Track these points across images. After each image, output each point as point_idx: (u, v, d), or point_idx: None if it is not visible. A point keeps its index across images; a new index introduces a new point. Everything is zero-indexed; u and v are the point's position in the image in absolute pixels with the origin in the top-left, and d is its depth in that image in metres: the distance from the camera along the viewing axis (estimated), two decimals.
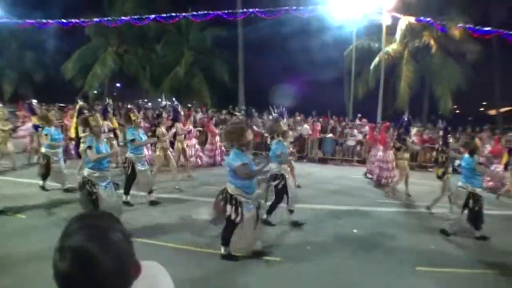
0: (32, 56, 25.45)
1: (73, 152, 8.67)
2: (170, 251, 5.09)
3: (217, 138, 12.83)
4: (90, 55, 24.17)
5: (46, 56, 25.16)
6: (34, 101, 12.43)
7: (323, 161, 15.59)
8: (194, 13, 21.39)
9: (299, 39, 21.43)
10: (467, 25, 19.00)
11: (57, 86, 24.77)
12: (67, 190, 7.76)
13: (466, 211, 6.07)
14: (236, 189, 4.56)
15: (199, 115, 17.16)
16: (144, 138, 7.44)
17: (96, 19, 22.67)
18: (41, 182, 7.85)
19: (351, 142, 15.61)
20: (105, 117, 10.08)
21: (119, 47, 24.66)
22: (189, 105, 18.34)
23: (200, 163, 11.88)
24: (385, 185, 9.94)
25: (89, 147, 5.22)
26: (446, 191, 7.28)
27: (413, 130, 11.44)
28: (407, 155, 9.23)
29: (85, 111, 8.05)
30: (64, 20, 22.71)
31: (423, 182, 10.35)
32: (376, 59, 20.64)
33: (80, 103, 8.20)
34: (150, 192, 7.25)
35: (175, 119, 9.62)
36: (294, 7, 19.44)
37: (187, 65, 23.28)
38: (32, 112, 11.26)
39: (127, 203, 6.99)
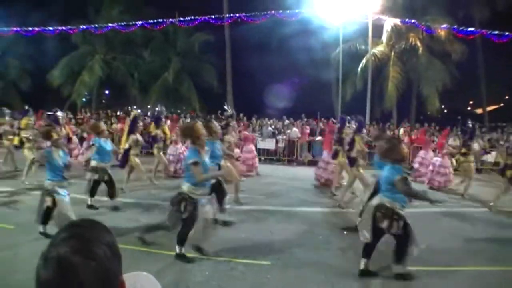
0: (17, 64, 25.15)
1: (117, 162, 8.23)
2: (160, 257, 5.02)
3: None
4: (77, 63, 23.98)
5: (32, 63, 24.89)
6: (59, 113, 12.09)
7: (313, 163, 15.63)
8: (181, 18, 21.43)
9: (286, 43, 21.57)
10: (451, 26, 19.35)
11: (44, 94, 24.55)
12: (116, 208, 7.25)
13: None
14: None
15: (187, 120, 17.13)
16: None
17: (82, 26, 22.59)
18: (89, 200, 7.11)
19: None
20: (157, 126, 9.90)
21: (106, 54, 24.51)
22: (178, 111, 18.34)
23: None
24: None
25: (196, 163, 4.53)
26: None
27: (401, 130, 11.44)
28: (472, 157, 9.54)
29: (140, 121, 8.02)
30: (50, 28, 22.60)
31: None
32: (363, 61, 20.83)
33: (136, 111, 8.07)
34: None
35: (157, 125, 9.83)
36: (280, 11, 19.59)
37: (175, 71, 23.22)
38: (57, 123, 11.02)
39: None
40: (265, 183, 10.45)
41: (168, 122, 14.39)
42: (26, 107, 12.77)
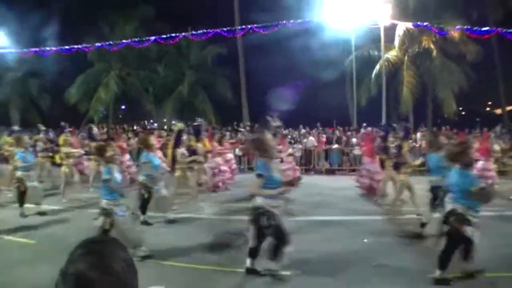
0: (36, 83, 25.78)
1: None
2: (180, 270, 5.18)
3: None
4: (93, 80, 24.46)
5: (50, 82, 25.49)
6: (94, 128, 12.20)
7: (330, 172, 15.56)
8: (194, 32, 21.68)
9: (298, 51, 21.55)
10: (465, 27, 19.08)
11: (62, 111, 25.05)
12: (171, 221, 7.20)
13: None
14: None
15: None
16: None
17: (97, 44, 23.05)
18: (142, 217, 7.07)
19: (357, 151, 15.55)
20: (198, 139, 9.64)
21: (121, 70, 24.92)
22: (194, 123, 18.41)
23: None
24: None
25: (259, 175, 4.47)
26: None
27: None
28: None
29: (184, 134, 8.10)
30: (66, 47, 23.13)
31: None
32: (377, 67, 20.70)
33: (179, 125, 8.08)
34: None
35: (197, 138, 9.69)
36: (291, 21, 19.65)
37: (189, 84, 23.46)
38: (92, 138, 11.03)
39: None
40: (306, 194, 10.03)
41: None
42: (62, 124, 12.79)
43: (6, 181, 9.76)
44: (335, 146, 16.01)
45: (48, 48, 23.46)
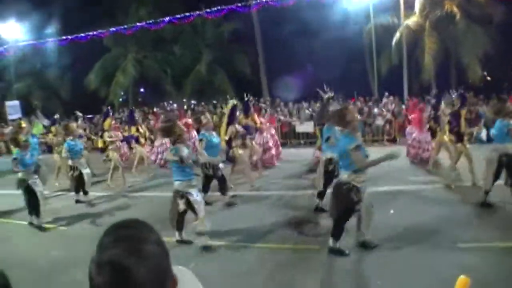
0: (55, 73, 26.20)
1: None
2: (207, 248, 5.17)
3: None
4: (111, 65, 24.68)
5: (69, 71, 25.83)
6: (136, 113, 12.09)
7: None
8: (208, 10, 21.42)
9: (316, 23, 21.05)
10: None
11: (82, 98, 25.43)
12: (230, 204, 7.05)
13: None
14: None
15: (224, 110, 17.21)
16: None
17: (112, 29, 23.08)
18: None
19: (379, 122, 15.29)
20: (247, 115, 9.45)
21: (138, 53, 25.02)
22: (214, 101, 18.42)
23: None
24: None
25: (358, 147, 4.31)
26: None
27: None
28: None
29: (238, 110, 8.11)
30: (82, 34, 23.25)
31: None
32: (397, 35, 20.08)
33: (233, 101, 8.05)
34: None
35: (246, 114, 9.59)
36: None
37: (207, 63, 23.37)
38: (133, 121, 10.97)
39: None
40: None
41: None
42: (109, 107, 12.67)
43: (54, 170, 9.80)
44: (357, 117, 15.77)
45: (64, 37, 23.67)
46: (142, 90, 29.46)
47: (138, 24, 22.77)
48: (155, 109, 20.38)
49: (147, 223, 1.01)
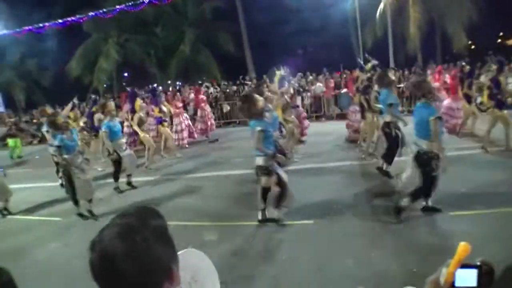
0: (35, 62, 25.65)
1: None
2: (203, 229, 5.20)
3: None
4: (92, 51, 24.14)
5: (49, 59, 25.26)
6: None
7: (341, 117, 15.32)
8: None
9: None
10: None
11: (65, 86, 24.95)
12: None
13: None
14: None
15: (211, 90, 17.05)
16: None
17: (91, 13, 22.44)
18: None
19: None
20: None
21: (119, 37, 24.48)
22: (199, 81, 18.22)
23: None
24: None
25: (440, 118, 4.57)
26: None
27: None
28: None
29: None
30: (60, 20, 22.58)
31: None
32: (381, 5, 19.88)
33: (279, 72, 7.61)
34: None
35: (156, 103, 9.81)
36: None
37: (190, 42, 22.99)
38: (156, 101, 10.46)
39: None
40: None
41: (192, 94, 14.27)
42: (95, 96, 12.19)
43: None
44: (344, 90, 15.67)
45: (42, 25, 22.99)
46: (126, 74, 28.99)
47: (117, 7, 22.11)
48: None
49: (153, 210, 1.00)
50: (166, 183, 7.85)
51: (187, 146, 11.72)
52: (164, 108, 10.29)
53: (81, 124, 9.79)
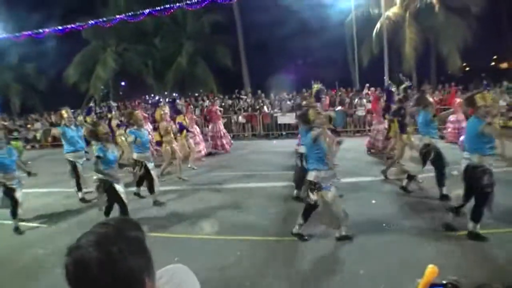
0: (33, 67, 25.63)
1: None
2: (192, 243, 5.15)
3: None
4: (90, 58, 24.23)
5: (47, 64, 25.25)
6: (178, 101, 11.44)
7: (334, 133, 15.40)
8: (188, 1, 21.12)
9: (298, 14, 21.00)
10: None
11: (61, 92, 24.93)
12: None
13: None
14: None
15: (206, 103, 17.11)
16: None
17: (91, 21, 22.55)
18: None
19: (361, 113, 15.37)
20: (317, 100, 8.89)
21: (118, 46, 24.61)
22: (196, 94, 18.33)
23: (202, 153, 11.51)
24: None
25: (488, 123, 4.50)
26: None
27: None
28: None
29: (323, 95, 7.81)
30: (59, 27, 22.67)
31: None
32: (378, 25, 20.17)
33: (317, 85, 7.54)
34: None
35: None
36: None
37: (188, 55, 23.17)
38: (177, 111, 10.25)
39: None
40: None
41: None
42: (91, 105, 12.13)
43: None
44: (339, 108, 15.81)
45: (41, 30, 23.05)
46: (123, 83, 29.05)
47: (117, 16, 22.28)
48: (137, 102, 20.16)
49: (132, 221, 1.02)
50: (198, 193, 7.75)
51: (203, 159, 11.33)
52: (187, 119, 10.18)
53: None
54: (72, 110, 20.59)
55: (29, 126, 20.18)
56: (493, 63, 30.36)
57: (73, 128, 7.71)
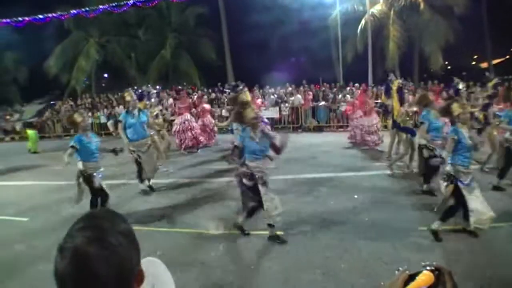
0: (12, 56, 24.94)
1: None
2: (174, 236, 5.10)
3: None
4: (72, 49, 23.66)
5: (27, 55, 24.60)
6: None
7: (318, 129, 15.53)
8: None
9: (282, 9, 21.01)
10: None
11: (42, 83, 24.35)
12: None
13: None
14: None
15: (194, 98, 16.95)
16: None
17: (73, 11, 22.03)
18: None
19: (344, 108, 15.47)
20: (388, 95, 8.80)
21: (100, 37, 24.15)
22: (179, 87, 18.14)
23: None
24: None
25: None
26: None
27: None
28: None
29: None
30: (40, 16, 22.09)
31: None
32: (362, 22, 20.35)
33: (398, 81, 7.58)
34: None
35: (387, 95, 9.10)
36: None
37: (172, 47, 22.94)
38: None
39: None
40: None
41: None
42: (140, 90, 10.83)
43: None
44: (322, 103, 15.92)
45: (20, 19, 22.43)
46: (105, 75, 28.57)
47: (100, 7, 21.84)
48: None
49: (120, 214, 0.99)
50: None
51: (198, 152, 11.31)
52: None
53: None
54: (53, 102, 20.30)
55: (7, 117, 19.70)
56: (473, 63, 31.07)
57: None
